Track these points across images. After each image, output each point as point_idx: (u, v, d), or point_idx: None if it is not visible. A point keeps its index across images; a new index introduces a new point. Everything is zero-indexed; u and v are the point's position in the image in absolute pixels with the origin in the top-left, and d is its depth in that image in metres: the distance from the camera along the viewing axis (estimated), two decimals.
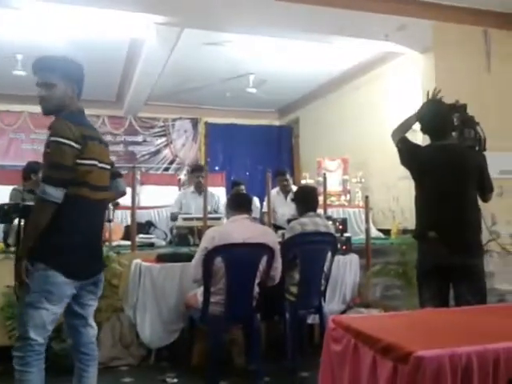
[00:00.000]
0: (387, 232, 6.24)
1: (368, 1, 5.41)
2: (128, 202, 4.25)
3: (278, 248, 3.48)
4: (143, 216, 6.23)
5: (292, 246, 3.72)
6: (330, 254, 3.84)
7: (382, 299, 4.69)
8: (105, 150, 2.50)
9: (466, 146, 3.05)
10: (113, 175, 2.61)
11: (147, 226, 5.80)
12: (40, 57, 2.41)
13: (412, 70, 6.59)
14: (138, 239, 4.63)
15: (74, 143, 2.24)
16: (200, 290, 3.38)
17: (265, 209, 5.66)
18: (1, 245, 4.26)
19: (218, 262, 3.22)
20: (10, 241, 4.18)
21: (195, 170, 5.85)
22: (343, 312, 4.27)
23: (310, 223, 3.82)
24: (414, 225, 3.09)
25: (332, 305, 4.25)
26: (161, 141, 9.98)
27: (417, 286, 3.05)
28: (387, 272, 4.74)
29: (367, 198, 5.26)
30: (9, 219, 2.59)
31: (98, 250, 2.51)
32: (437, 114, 3.02)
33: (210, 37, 6.17)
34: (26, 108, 8.65)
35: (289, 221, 4.67)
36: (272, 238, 3.53)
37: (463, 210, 2.90)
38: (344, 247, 4.53)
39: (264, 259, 3.35)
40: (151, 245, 4.94)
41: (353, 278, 4.51)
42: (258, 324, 3.51)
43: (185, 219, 5.09)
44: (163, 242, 5.30)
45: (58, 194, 2.20)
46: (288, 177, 6.02)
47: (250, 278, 3.35)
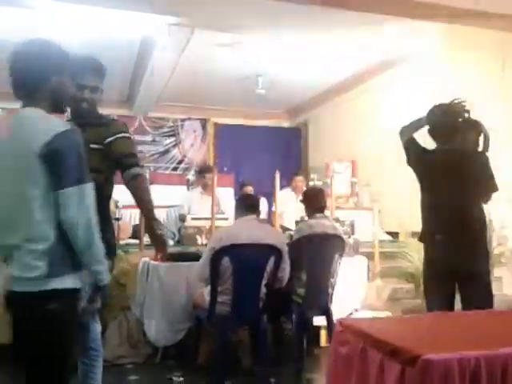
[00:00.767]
0: (395, 235, 6.21)
1: (382, 3, 5.39)
2: None
3: (286, 249, 3.48)
4: None
5: (299, 247, 3.71)
6: (337, 256, 3.84)
7: (389, 302, 4.68)
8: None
9: (470, 149, 3.05)
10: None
11: None
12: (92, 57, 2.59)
13: (424, 73, 6.56)
14: (146, 238, 4.63)
15: None
16: (207, 290, 3.39)
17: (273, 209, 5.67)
18: None
19: (226, 262, 3.23)
20: None
21: (203, 171, 5.86)
22: (350, 314, 4.26)
23: (318, 225, 3.82)
24: (420, 228, 3.10)
25: (339, 307, 4.24)
26: (170, 141, 10.00)
27: (423, 290, 3.05)
28: (395, 275, 4.73)
29: (375, 200, 5.25)
30: None
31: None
32: (446, 122, 3.02)
33: (220, 38, 6.18)
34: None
35: (297, 222, 4.68)
36: (280, 239, 3.53)
37: (468, 214, 2.90)
38: (352, 249, 4.52)
39: (271, 260, 3.35)
40: None
41: (360, 280, 4.49)
42: (265, 325, 3.51)
43: (193, 219, 5.12)
44: (171, 242, 5.31)
45: None
46: (303, 178, 6.17)
47: (257, 278, 3.35)
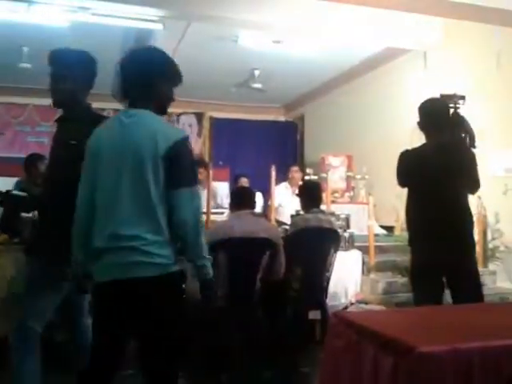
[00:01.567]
0: (390, 229, 6.23)
1: None
2: None
3: (281, 243, 3.48)
4: None
5: (295, 241, 3.72)
6: (332, 250, 3.85)
7: (384, 296, 4.70)
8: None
9: (458, 143, 3.06)
10: None
11: None
12: None
13: (418, 67, 6.57)
14: None
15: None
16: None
17: (269, 203, 5.68)
18: (4, 236, 4.26)
19: (221, 255, 3.23)
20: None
21: (198, 165, 5.85)
22: (345, 308, 4.27)
23: (313, 219, 3.83)
24: (406, 228, 3.12)
25: (334, 301, 4.26)
26: None
27: (412, 288, 3.07)
28: (389, 269, 4.75)
29: (370, 194, 5.26)
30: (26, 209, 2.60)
31: None
32: (432, 110, 3.04)
33: (216, 31, 6.17)
34: (31, 101, 8.65)
35: (292, 216, 4.68)
36: (275, 233, 3.54)
37: (457, 209, 2.93)
38: (347, 243, 4.53)
39: (267, 254, 3.36)
40: None
41: (355, 274, 4.50)
42: (260, 319, 3.52)
43: None
44: None
45: None
46: (298, 169, 6.18)
47: (252, 272, 3.36)
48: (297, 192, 4.41)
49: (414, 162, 3.04)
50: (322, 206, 4.19)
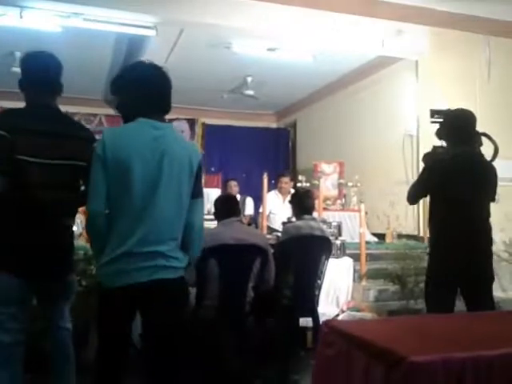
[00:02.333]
0: (382, 236, 6.24)
1: (365, 5, 5.43)
2: None
3: (270, 250, 3.48)
4: None
5: (286, 248, 3.71)
6: (324, 258, 3.84)
7: (375, 303, 4.70)
8: (52, 143, 2.37)
9: (482, 155, 3.08)
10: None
11: None
12: None
13: (409, 76, 6.61)
14: None
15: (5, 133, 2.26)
16: (193, 292, 3.37)
17: (261, 210, 5.68)
18: None
19: (212, 263, 3.21)
20: None
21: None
22: (336, 316, 4.27)
23: (305, 226, 3.82)
24: (429, 236, 3.14)
25: (325, 308, 4.25)
26: None
27: (425, 294, 3.09)
28: (381, 276, 4.75)
29: (362, 202, 5.27)
30: None
31: (58, 251, 2.40)
32: (464, 119, 3.05)
33: (209, 38, 6.17)
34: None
35: (284, 223, 4.68)
36: (264, 240, 3.53)
37: (480, 220, 2.97)
38: (338, 251, 4.53)
39: (258, 261, 3.35)
40: None
41: (346, 281, 4.51)
42: (251, 327, 3.51)
43: None
44: None
45: None
46: (289, 179, 6.15)
47: (243, 279, 3.35)
48: (289, 199, 4.41)
49: (442, 173, 3.01)
50: (314, 214, 4.19)
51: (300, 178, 6.62)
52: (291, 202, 4.13)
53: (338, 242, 4.64)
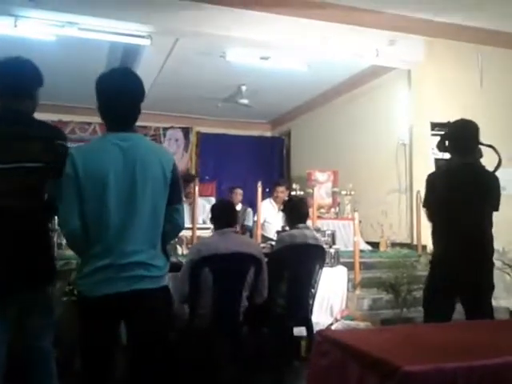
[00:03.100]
0: (376, 245, 6.26)
1: (358, 15, 5.47)
2: None
3: (264, 260, 3.47)
4: None
5: (280, 257, 3.71)
6: (318, 267, 3.84)
7: (369, 312, 4.70)
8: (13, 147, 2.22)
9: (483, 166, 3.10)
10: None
11: None
12: None
13: (403, 84, 6.66)
14: None
15: None
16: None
17: (255, 219, 5.68)
18: None
19: (206, 273, 3.20)
20: None
21: (185, 180, 5.84)
22: (330, 325, 4.27)
23: (299, 235, 3.82)
24: (433, 246, 3.17)
25: (319, 317, 4.24)
26: None
27: (424, 302, 3.10)
28: (375, 285, 4.75)
29: (356, 210, 5.28)
30: None
31: (20, 264, 2.18)
32: (467, 130, 3.07)
33: (203, 47, 6.20)
34: None
35: (278, 232, 4.68)
36: (258, 250, 3.53)
37: (482, 231, 2.99)
38: (332, 259, 4.54)
39: (252, 271, 3.34)
40: None
41: (340, 290, 4.50)
42: (245, 336, 3.50)
43: None
44: None
45: None
46: (284, 188, 6.17)
47: (237, 288, 3.34)
48: (282, 208, 4.41)
49: (442, 184, 3.05)
50: (308, 222, 4.19)
51: (294, 186, 6.63)
52: (284, 211, 4.13)
53: (332, 250, 4.64)
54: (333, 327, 4.09)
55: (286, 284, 3.65)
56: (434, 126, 3.17)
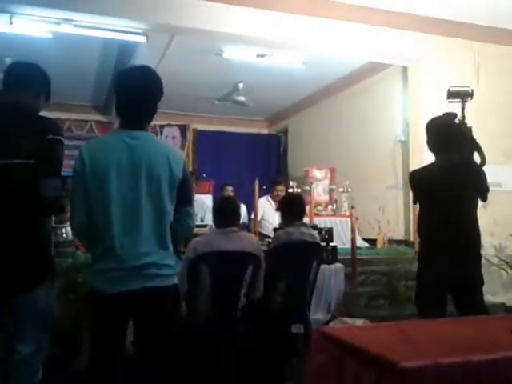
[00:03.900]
0: (373, 242, 6.27)
1: (355, 12, 5.47)
2: None
3: (262, 257, 3.47)
4: None
5: (277, 255, 3.71)
6: (315, 264, 3.84)
7: (366, 309, 4.71)
8: None
9: (468, 162, 3.10)
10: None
11: None
12: None
13: (399, 81, 6.66)
14: None
15: None
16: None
17: (252, 216, 5.68)
18: None
19: (204, 270, 3.20)
20: None
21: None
22: (328, 322, 4.27)
23: (296, 232, 3.82)
24: (419, 242, 3.16)
25: (317, 314, 4.25)
26: None
27: (415, 299, 3.10)
28: (372, 282, 4.77)
29: (353, 207, 5.29)
30: None
31: (2, 265, 2.11)
32: (440, 129, 3.07)
33: (199, 45, 6.19)
34: None
35: (275, 230, 4.68)
36: (257, 247, 3.52)
37: (467, 226, 2.99)
38: (329, 256, 4.54)
39: (250, 268, 3.34)
40: None
41: (338, 287, 4.51)
42: (243, 333, 3.50)
43: None
44: None
45: None
46: (283, 187, 6.19)
47: (236, 285, 3.34)
48: (278, 205, 4.40)
49: (422, 181, 3.09)
50: (305, 219, 4.19)
51: (291, 183, 6.64)
52: (281, 208, 4.12)
53: (330, 247, 4.65)
54: (330, 324, 4.10)
55: (283, 281, 3.66)
56: (450, 94, 3.13)
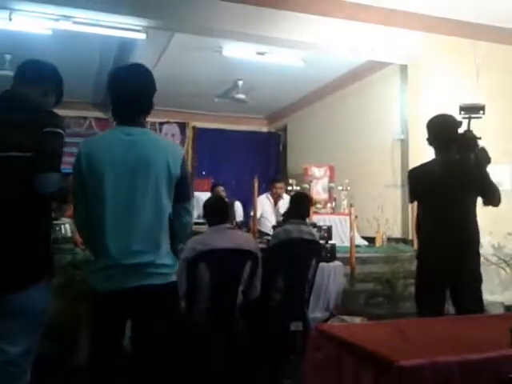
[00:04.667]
0: (372, 240, 6.27)
1: (355, 10, 5.46)
2: None
3: (260, 255, 3.48)
4: None
5: (276, 252, 3.72)
6: (314, 262, 3.85)
7: (365, 307, 4.71)
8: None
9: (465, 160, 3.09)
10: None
11: None
12: None
13: (399, 80, 6.66)
14: None
15: None
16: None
17: (251, 214, 5.68)
18: None
19: (203, 269, 3.20)
20: None
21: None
22: (326, 320, 4.27)
23: (295, 230, 3.83)
24: (418, 240, 3.17)
25: (315, 312, 4.25)
26: None
27: (415, 298, 3.10)
28: (371, 280, 4.77)
29: (352, 205, 5.29)
30: None
31: None
32: (439, 127, 3.07)
33: (199, 42, 6.17)
34: None
35: (274, 227, 4.69)
36: (255, 245, 3.53)
37: (465, 223, 2.98)
38: (328, 254, 4.54)
39: (248, 265, 3.35)
40: None
41: (337, 285, 4.51)
42: (241, 331, 3.50)
43: None
44: None
45: None
46: (283, 184, 6.21)
47: (234, 283, 3.34)
48: (289, 200, 4.41)
49: (421, 179, 3.09)
50: None
51: (290, 181, 6.64)
52: (291, 203, 4.15)
53: (328, 245, 4.65)
54: (329, 322, 4.10)
55: (282, 279, 3.66)
56: (461, 109, 3.12)
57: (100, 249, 2.08)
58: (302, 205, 4.05)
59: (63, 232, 4.31)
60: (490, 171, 3.04)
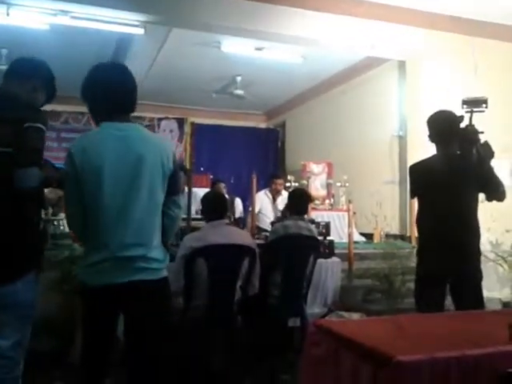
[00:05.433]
0: (370, 236, 6.28)
1: (354, 6, 5.45)
2: None
3: (257, 251, 3.47)
4: None
5: (275, 248, 3.71)
6: (312, 258, 3.85)
7: (363, 303, 4.71)
8: None
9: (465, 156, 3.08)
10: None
11: None
12: None
13: (397, 76, 6.65)
14: None
15: None
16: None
17: (250, 210, 5.68)
18: None
19: (201, 265, 3.19)
20: None
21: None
22: (324, 315, 4.28)
23: (293, 226, 3.82)
24: (418, 236, 3.18)
25: (313, 308, 4.26)
26: None
27: (415, 293, 3.10)
28: (369, 276, 4.77)
29: (350, 202, 5.29)
30: None
31: None
32: (439, 123, 3.06)
33: (198, 37, 6.16)
34: None
35: (272, 223, 4.68)
36: (251, 241, 3.53)
37: (466, 219, 2.98)
38: (326, 251, 4.54)
39: (246, 261, 3.34)
40: None
41: (335, 281, 4.52)
42: (239, 327, 3.50)
43: None
44: None
45: None
46: (282, 181, 6.21)
47: (232, 279, 3.34)
48: (287, 196, 4.41)
49: (422, 174, 3.09)
50: None
51: (289, 177, 6.64)
52: (289, 198, 4.15)
53: (327, 241, 4.65)
54: (327, 318, 4.11)
55: (280, 275, 3.66)
56: (464, 102, 3.10)
57: (95, 242, 2.10)
58: (300, 201, 4.05)
59: (61, 228, 4.31)
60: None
